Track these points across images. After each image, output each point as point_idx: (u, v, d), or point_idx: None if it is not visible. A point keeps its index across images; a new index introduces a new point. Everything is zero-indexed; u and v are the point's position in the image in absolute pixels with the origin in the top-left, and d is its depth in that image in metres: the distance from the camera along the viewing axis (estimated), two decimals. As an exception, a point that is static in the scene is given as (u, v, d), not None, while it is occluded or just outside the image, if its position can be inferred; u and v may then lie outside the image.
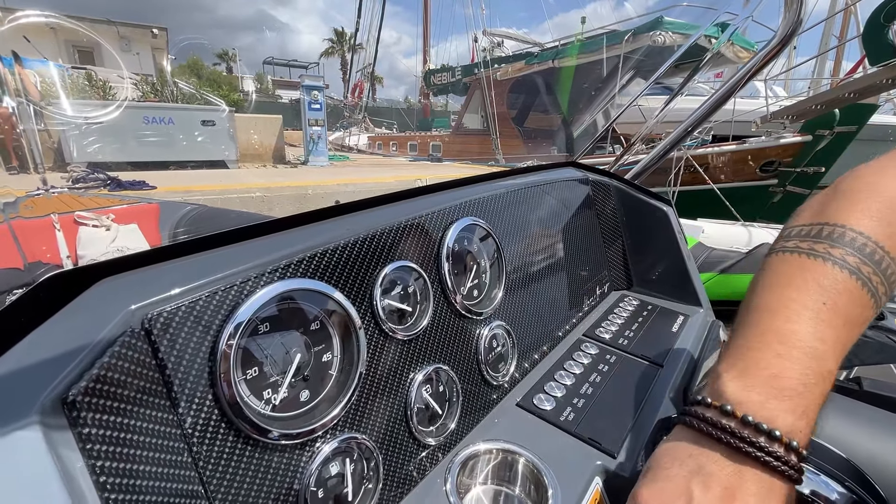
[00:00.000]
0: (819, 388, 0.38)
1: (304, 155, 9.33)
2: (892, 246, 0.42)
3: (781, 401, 0.37)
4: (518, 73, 12.49)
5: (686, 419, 0.41)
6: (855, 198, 0.44)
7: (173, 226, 1.64)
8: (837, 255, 0.41)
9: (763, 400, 0.37)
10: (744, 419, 0.37)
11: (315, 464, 0.42)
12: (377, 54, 20.99)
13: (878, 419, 0.54)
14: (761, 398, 0.37)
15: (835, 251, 0.41)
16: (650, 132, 1.67)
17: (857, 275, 0.40)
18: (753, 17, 1.35)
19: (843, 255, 0.41)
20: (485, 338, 0.65)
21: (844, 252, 0.41)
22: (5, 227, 1.15)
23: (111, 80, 8.18)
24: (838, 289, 0.40)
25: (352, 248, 0.49)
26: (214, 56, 35.95)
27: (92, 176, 4.56)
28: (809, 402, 0.37)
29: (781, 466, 0.35)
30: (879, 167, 0.46)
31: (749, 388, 0.38)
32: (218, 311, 0.38)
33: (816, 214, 0.46)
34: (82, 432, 0.28)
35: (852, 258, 0.41)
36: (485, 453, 0.56)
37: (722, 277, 3.03)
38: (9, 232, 1.10)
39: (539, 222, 0.83)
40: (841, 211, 0.44)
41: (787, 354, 0.38)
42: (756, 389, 0.38)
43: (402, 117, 24.62)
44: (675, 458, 0.40)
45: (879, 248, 0.41)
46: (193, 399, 0.36)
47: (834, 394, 0.66)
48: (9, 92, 1.00)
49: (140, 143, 7.18)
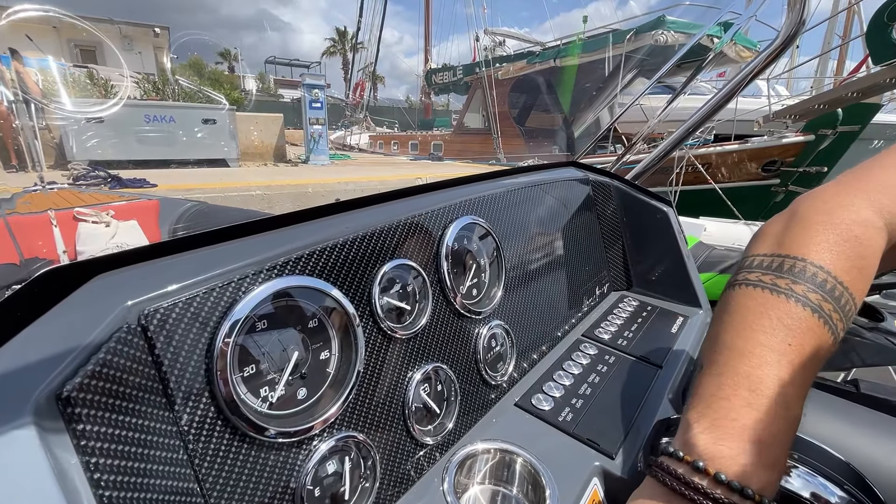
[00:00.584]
0: (787, 436, 0.38)
1: (304, 153, 9.33)
2: (849, 281, 0.42)
3: (753, 455, 0.37)
4: (519, 73, 12.48)
5: (658, 473, 0.40)
6: (814, 229, 0.44)
7: (173, 222, 1.64)
8: (799, 291, 0.41)
9: (734, 455, 0.37)
10: (716, 477, 0.36)
11: (312, 462, 0.42)
12: (378, 53, 20.99)
13: (877, 423, 0.54)
14: (733, 453, 0.37)
15: (797, 287, 0.41)
16: (652, 131, 1.66)
17: (818, 313, 0.41)
18: (756, 16, 1.34)
19: (804, 292, 0.41)
20: (484, 337, 0.64)
21: (806, 289, 0.41)
22: (1, 223, 1.15)
23: (112, 79, 8.19)
24: (802, 328, 0.40)
25: (351, 246, 0.49)
26: (216, 55, 35.96)
27: (93, 174, 4.57)
28: (779, 453, 0.37)
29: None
30: (836, 192, 0.46)
31: (720, 441, 0.38)
32: (215, 308, 0.38)
33: (777, 244, 0.45)
34: (77, 429, 0.28)
35: (814, 295, 0.41)
36: (482, 453, 0.56)
37: (722, 277, 3.03)
38: (2, 227, 1.10)
39: (539, 222, 0.83)
40: (801, 244, 0.44)
41: (756, 404, 0.38)
42: (727, 443, 0.38)
43: (403, 116, 24.62)
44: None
45: (839, 284, 0.41)
46: (189, 396, 0.36)
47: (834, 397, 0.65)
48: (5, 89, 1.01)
49: (141, 142, 7.19)
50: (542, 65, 11.95)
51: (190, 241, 0.41)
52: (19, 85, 1.54)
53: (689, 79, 1.43)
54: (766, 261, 0.45)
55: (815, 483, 0.48)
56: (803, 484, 0.46)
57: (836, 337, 0.41)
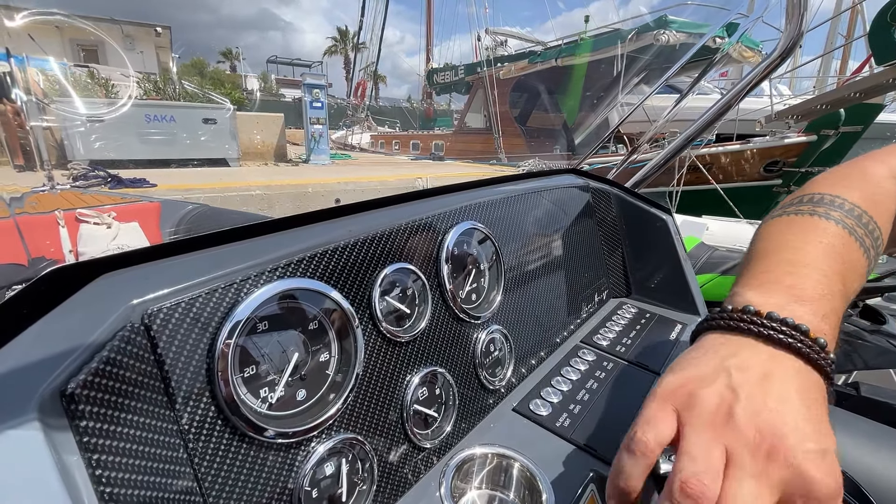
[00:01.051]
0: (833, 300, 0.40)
1: (305, 153, 9.34)
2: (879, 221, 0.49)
3: (802, 304, 0.39)
4: (521, 72, 12.47)
5: (710, 323, 0.41)
6: (849, 178, 0.53)
7: (174, 224, 1.64)
8: (836, 216, 0.46)
9: (784, 303, 0.39)
10: (770, 315, 0.38)
11: (310, 463, 0.42)
12: (380, 53, 20.99)
13: (876, 434, 0.54)
14: (782, 301, 0.39)
15: (833, 213, 0.47)
16: (655, 132, 1.67)
17: (853, 233, 0.45)
18: (763, 18, 1.34)
19: (840, 217, 0.46)
20: (482, 342, 0.65)
21: (842, 215, 0.47)
22: (10, 223, 1.16)
23: (113, 79, 8.20)
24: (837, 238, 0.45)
25: (351, 249, 0.49)
26: (218, 54, 36.01)
27: (93, 173, 4.57)
28: (828, 309, 0.39)
29: (814, 355, 0.36)
30: (871, 155, 0.56)
31: (769, 294, 0.40)
32: (217, 309, 0.38)
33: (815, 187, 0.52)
34: (79, 425, 0.29)
35: (849, 220, 0.46)
36: (480, 457, 0.56)
37: (723, 279, 3.03)
38: (13, 227, 1.10)
39: (539, 228, 0.83)
40: (837, 186, 0.51)
41: (797, 273, 0.41)
42: (776, 296, 0.40)
43: (404, 116, 24.63)
44: (703, 349, 0.39)
45: (871, 219, 0.48)
46: (190, 395, 0.36)
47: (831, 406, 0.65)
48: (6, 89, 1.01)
49: (142, 141, 7.20)
50: (543, 64, 11.95)
51: (192, 243, 0.42)
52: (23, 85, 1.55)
53: (695, 80, 1.44)
54: (805, 197, 0.51)
55: None
56: None
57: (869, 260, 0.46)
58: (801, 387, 0.35)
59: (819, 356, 0.36)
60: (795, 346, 0.36)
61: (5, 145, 1.07)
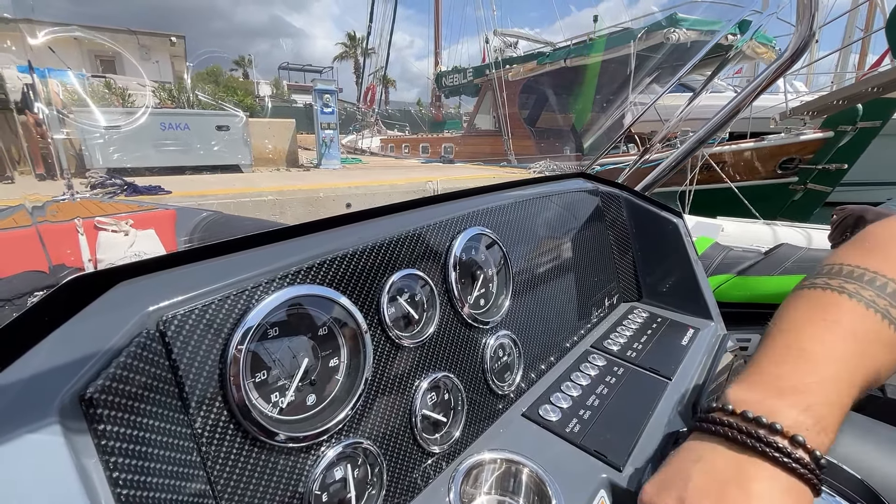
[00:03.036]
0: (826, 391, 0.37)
1: (316, 158, 9.43)
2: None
3: (782, 398, 0.37)
4: (529, 74, 12.43)
5: (695, 424, 0.42)
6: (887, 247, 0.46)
7: (189, 231, 1.68)
8: (867, 295, 0.42)
9: (762, 398, 0.38)
10: (744, 415, 0.37)
11: (320, 468, 0.43)
12: (389, 57, 21.13)
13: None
14: (760, 396, 0.38)
15: (865, 292, 0.42)
16: (667, 132, 1.65)
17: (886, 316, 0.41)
18: (777, 14, 1.33)
19: (872, 297, 0.42)
20: (491, 347, 0.65)
21: (875, 294, 0.42)
22: (32, 231, 1.19)
23: (130, 88, 8.38)
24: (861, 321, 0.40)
25: (360, 256, 0.50)
26: (231, 62, 36.62)
27: (110, 181, 4.67)
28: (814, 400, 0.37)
29: (785, 459, 0.35)
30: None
31: (751, 390, 0.39)
32: (229, 315, 0.39)
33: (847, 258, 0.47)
34: (98, 429, 0.30)
35: (882, 301, 0.41)
36: (489, 463, 0.56)
37: (739, 279, 2.96)
38: (34, 235, 1.14)
39: (547, 233, 0.83)
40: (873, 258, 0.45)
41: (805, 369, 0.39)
42: (757, 390, 0.39)
43: (413, 119, 24.72)
44: (679, 454, 0.41)
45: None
46: (204, 400, 0.37)
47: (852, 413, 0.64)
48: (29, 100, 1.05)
49: (157, 149, 7.33)
50: (552, 65, 11.89)
51: (206, 251, 0.43)
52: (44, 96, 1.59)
53: (708, 78, 1.42)
54: (835, 268, 0.46)
55: (831, 501, 0.47)
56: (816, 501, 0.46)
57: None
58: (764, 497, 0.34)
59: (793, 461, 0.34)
60: (764, 451, 0.35)
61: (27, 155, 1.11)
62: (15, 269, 1.11)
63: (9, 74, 2.25)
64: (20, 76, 1.08)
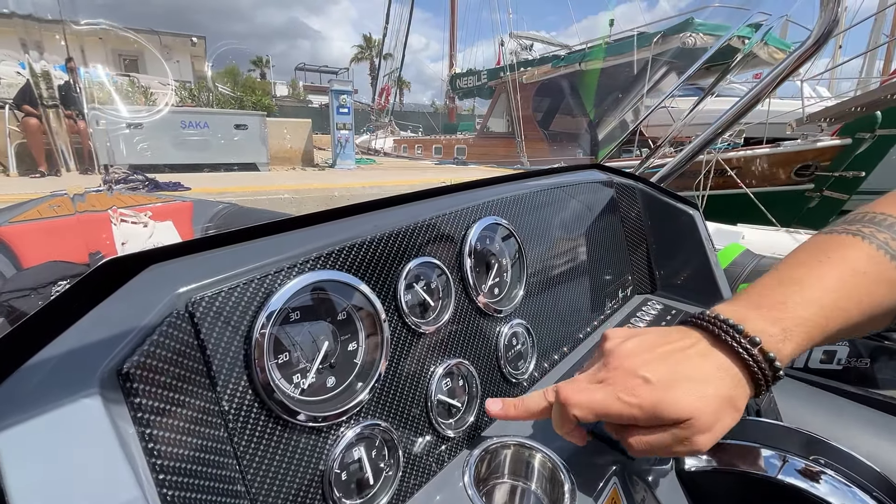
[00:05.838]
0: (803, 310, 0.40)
1: (331, 158, 9.52)
2: None
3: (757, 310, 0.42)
4: (544, 76, 12.39)
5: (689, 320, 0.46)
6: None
7: (205, 222, 1.71)
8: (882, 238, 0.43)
9: (739, 310, 0.42)
10: (717, 316, 0.42)
11: (339, 448, 0.44)
12: (404, 59, 21.24)
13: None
14: (739, 308, 0.43)
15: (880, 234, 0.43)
16: (678, 134, 1.63)
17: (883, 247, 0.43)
18: (788, 16, 1.31)
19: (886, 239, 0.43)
20: (505, 335, 0.66)
21: (890, 237, 0.43)
22: (65, 221, 1.24)
23: (152, 86, 8.56)
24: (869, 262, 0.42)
25: (378, 244, 0.51)
26: (249, 62, 37.16)
27: (132, 177, 4.78)
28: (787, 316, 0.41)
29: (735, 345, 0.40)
30: None
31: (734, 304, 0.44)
32: (253, 298, 0.40)
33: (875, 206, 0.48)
34: (134, 402, 0.31)
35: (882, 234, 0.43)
36: (503, 448, 0.57)
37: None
38: (66, 224, 1.19)
39: (562, 224, 0.83)
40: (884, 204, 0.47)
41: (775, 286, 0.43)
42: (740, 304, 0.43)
43: (427, 121, 24.80)
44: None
45: None
46: (230, 379, 0.38)
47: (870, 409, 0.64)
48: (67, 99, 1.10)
49: (177, 147, 7.48)
50: (566, 68, 11.84)
51: (229, 237, 0.44)
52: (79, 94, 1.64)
53: (714, 82, 1.41)
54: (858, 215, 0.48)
55: (843, 490, 0.47)
56: (831, 490, 0.46)
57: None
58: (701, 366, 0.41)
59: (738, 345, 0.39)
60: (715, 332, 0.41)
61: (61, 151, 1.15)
62: (45, 257, 1.16)
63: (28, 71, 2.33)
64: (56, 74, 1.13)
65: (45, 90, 0.95)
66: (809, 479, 0.46)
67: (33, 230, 1.37)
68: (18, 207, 1.60)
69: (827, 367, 1.25)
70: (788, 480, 0.46)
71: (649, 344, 0.44)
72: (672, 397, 0.40)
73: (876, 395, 0.83)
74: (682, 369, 0.41)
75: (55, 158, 1.03)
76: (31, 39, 0.90)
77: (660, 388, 0.40)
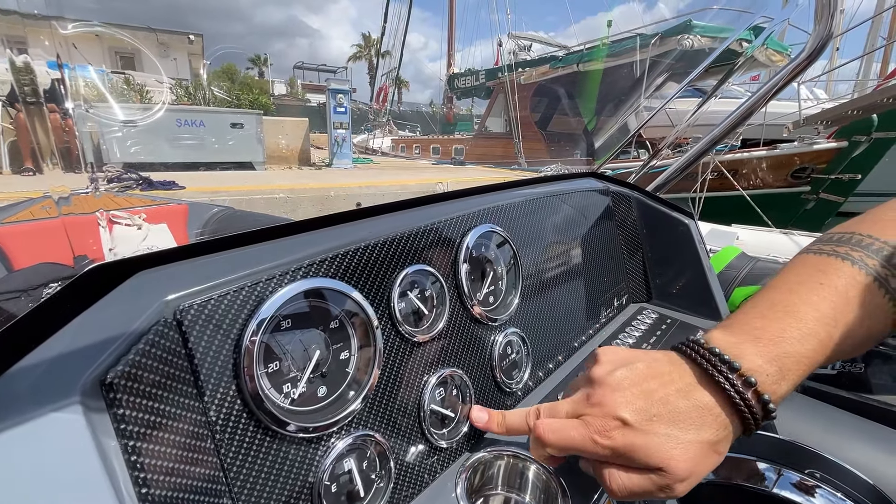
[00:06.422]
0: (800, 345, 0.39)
1: (328, 157, 9.50)
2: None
3: (755, 345, 0.39)
4: (542, 77, 12.41)
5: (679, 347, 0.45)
6: (886, 217, 0.47)
7: (200, 226, 1.70)
8: (871, 264, 0.42)
9: (737, 342, 0.40)
10: (711, 350, 0.40)
11: (329, 459, 0.43)
12: (402, 59, 21.23)
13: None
14: (736, 340, 0.40)
15: (869, 261, 0.43)
16: (678, 137, 1.63)
17: (883, 284, 0.42)
18: (790, 21, 1.31)
19: (875, 266, 0.42)
20: (499, 344, 0.65)
21: (878, 263, 0.42)
22: (51, 223, 1.22)
23: (148, 85, 8.52)
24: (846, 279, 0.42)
25: (372, 251, 0.50)
26: (247, 61, 37.06)
27: (126, 176, 4.75)
28: (784, 352, 0.39)
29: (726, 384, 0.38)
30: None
31: (731, 334, 0.41)
32: (244, 306, 0.40)
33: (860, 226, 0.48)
34: (117, 413, 0.30)
35: (871, 260, 0.42)
36: (496, 459, 0.56)
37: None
38: (57, 226, 1.17)
39: (557, 232, 0.83)
40: (876, 225, 0.46)
41: (771, 315, 0.41)
42: (736, 334, 0.41)
43: (425, 120, 24.80)
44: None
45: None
46: (218, 389, 0.37)
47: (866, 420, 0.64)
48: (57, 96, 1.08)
49: (172, 145, 7.44)
50: (564, 69, 11.87)
51: (220, 243, 0.43)
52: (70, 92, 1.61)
53: (717, 85, 1.41)
54: (845, 236, 0.47)
55: (837, 503, 0.47)
56: (825, 503, 0.46)
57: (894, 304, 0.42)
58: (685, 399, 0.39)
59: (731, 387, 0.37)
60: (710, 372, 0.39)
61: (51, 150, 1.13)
62: (37, 259, 1.14)
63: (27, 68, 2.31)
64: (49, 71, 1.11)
65: (29, 87, 0.93)
66: (804, 493, 0.45)
67: (25, 231, 1.35)
68: (12, 208, 1.59)
69: (821, 372, 1.25)
70: (784, 494, 0.46)
71: (637, 377, 0.42)
72: (646, 443, 0.38)
73: (871, 400, 0.83)
74: (663, 411, 0.39)
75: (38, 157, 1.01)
76: (20, 36, 0.89)
77: (634, 433, 0.39)
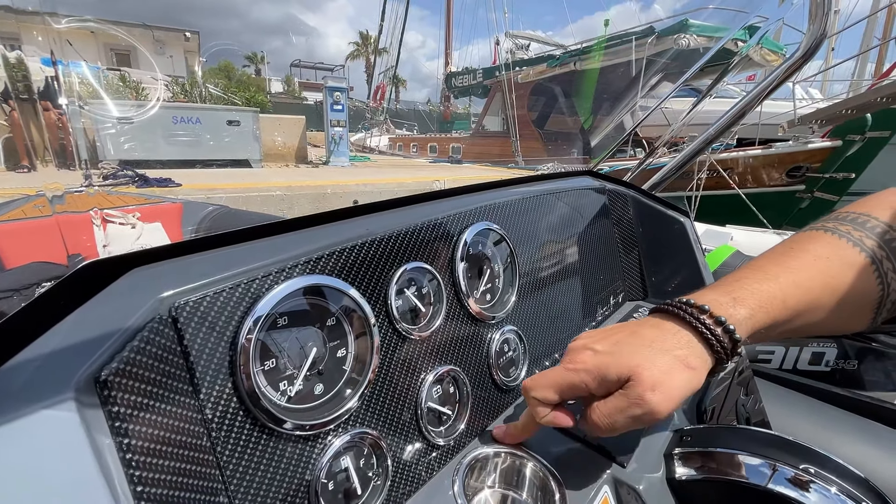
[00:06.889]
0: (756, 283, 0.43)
1: (325, 155, 9.48)
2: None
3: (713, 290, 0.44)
4: (539, 76, 12.43)
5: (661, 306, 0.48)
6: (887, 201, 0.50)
7: (195, 224, 1.69)
8: (857, 236, 0.45)
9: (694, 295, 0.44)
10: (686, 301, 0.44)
11: (326, 457, 0.43)
12: (399, 57, 21.19)
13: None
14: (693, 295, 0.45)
15: (855, 233, 0.45)
16: (673, 136, 1.64)
17: (857, 244, 0.44)
18: (784, 20, 1.32)
19: (861, 238, 0.44)
20: (496, 342, 0.65)
21: (864, 235, 0.45)
22: (45, 222, 1.22)
23: (143, 82, 8.46)
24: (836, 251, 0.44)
25: (369, 248, 0.50)
26: (244, 58, 36.87)
27: (122, 173, 4.73)
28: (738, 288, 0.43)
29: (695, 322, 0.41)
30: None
31: (706, 293, 0.45)
32: (240, 304, 0.39)
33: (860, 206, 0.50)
34: (112, 410, 0.30)
35: (870, 241, 0.44)
36: (493, 457, 0.56)
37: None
38: (50, 224, 1.16)
39: (554, 230, 0.83)
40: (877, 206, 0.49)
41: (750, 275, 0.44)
42: (710, 293, 0.45)
43: (422, 119, 24.77)
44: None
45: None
46: (214, 386, 0.37)
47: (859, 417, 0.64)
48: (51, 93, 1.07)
49: (168, 142, 7.40)
50: (562, 68, 11.88)
51: (217, 240, 0.43)
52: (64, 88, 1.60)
53: (712, 84, 1.41)
54: (834, 214, 0.50)
55: (834, 499, 0.47)
56: (820, 499, 0.46)
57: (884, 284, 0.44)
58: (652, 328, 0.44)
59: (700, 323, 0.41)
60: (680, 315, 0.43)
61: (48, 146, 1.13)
62: (29, 258, 1.13)
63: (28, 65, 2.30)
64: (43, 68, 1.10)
65: (22, 83, 0.93)
66: (799, 489, 0.45)
67: (17, 230, 1.34)
68: (5, 206, 1.58)
69: (815, 369, 1.26)
70: (778, 489, 0.46)
71: (607, 330, 0.47)
72: (614, 358, 0.42)
73: (864, 397, 0.84)
74: (630, 339, 0.43)
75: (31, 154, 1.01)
76: (13, 31, 0.88)
77: (605, 354, 0.43)
